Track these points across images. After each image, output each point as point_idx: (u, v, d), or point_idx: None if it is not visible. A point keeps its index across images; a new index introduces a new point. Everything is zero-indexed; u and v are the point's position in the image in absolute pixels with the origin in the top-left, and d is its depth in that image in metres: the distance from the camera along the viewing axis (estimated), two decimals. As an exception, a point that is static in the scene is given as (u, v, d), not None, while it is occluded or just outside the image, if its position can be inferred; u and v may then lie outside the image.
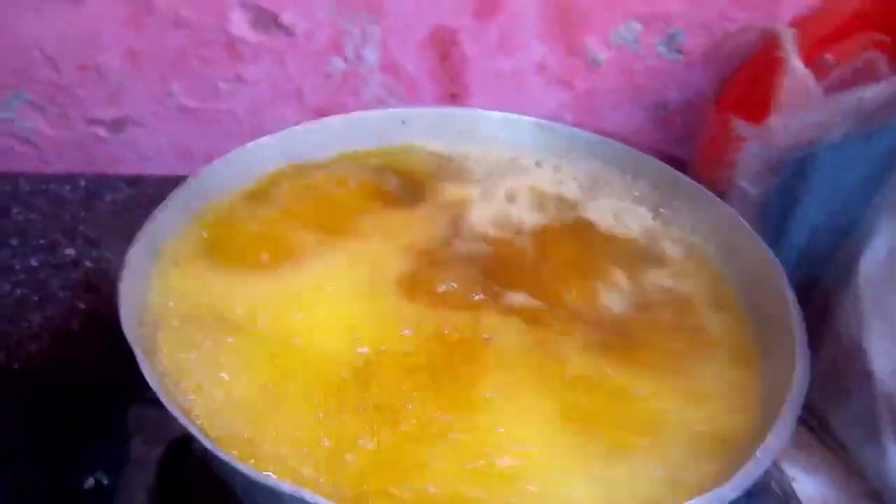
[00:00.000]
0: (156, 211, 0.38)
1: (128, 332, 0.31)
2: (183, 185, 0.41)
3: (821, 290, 0.50)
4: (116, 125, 0.67)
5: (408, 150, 0.50)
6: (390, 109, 0.50)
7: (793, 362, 0.34)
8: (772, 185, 0.54)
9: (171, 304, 0.36)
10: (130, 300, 0.33)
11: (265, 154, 0.46)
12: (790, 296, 0.37)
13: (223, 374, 0.33)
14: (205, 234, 0.41)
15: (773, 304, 0.38)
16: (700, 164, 0.59)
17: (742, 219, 0.43)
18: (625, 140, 0.49)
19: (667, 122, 0.68)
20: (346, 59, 0.64)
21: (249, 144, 0.45)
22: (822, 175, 0.52)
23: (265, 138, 0.46)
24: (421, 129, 0.50)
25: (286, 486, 0.27)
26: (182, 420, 0.29)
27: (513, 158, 0.50)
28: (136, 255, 0.35)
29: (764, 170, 0.53)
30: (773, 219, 0.53)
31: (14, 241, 0.57)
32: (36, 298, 0.52)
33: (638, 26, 0.63)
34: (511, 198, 0.47)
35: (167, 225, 0.39)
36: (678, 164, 0.49)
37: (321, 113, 0.66)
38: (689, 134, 0.66)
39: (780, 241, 0.51)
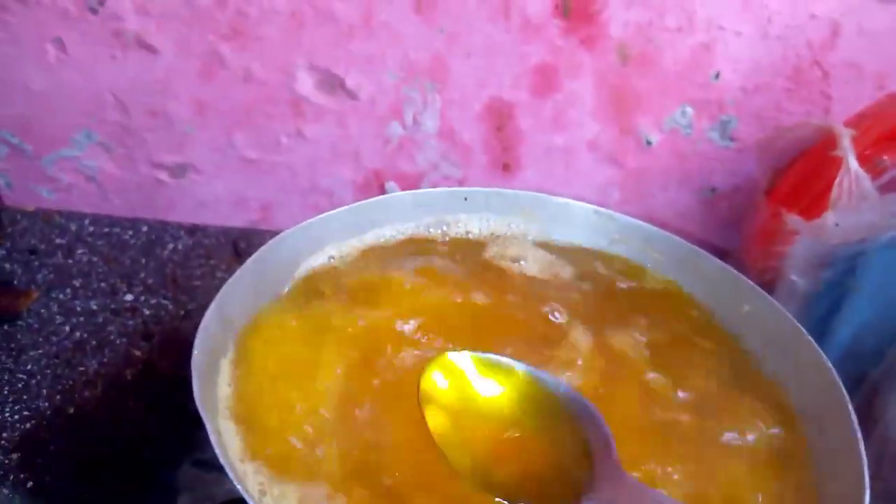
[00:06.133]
0: (227, 283, 0.38)
1: (200, 406, 0.32)
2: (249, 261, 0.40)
3: (866, 389, 0.49)
4: (178, 170, 0.69)
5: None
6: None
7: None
8: (821, 280, 0.54)
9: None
10: (202, 369, 0.34)
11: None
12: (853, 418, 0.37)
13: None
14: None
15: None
16: (748, 253, 0.59)
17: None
18: (671, 221, 0.50)
19: (713, 205, 0.69)
20: (404, 125, 0.66)
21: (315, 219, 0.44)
22: (872, 274, 0.52)
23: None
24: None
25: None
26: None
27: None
28: (209, 323, 0.36)
29: (814, 264, 0.53)
30: (821, 313, 0.53)
31: (77, 283, 0.59)
32: (94, 343, 0.53)
33: (691, 111, 0.64)
34: None
35: (238, 296, 0.39)
36: (722, 254, 0.49)
37: (376, 174, 0.68)
38: (735, 218, 0.66)
39: (827, 336, 0.51)
